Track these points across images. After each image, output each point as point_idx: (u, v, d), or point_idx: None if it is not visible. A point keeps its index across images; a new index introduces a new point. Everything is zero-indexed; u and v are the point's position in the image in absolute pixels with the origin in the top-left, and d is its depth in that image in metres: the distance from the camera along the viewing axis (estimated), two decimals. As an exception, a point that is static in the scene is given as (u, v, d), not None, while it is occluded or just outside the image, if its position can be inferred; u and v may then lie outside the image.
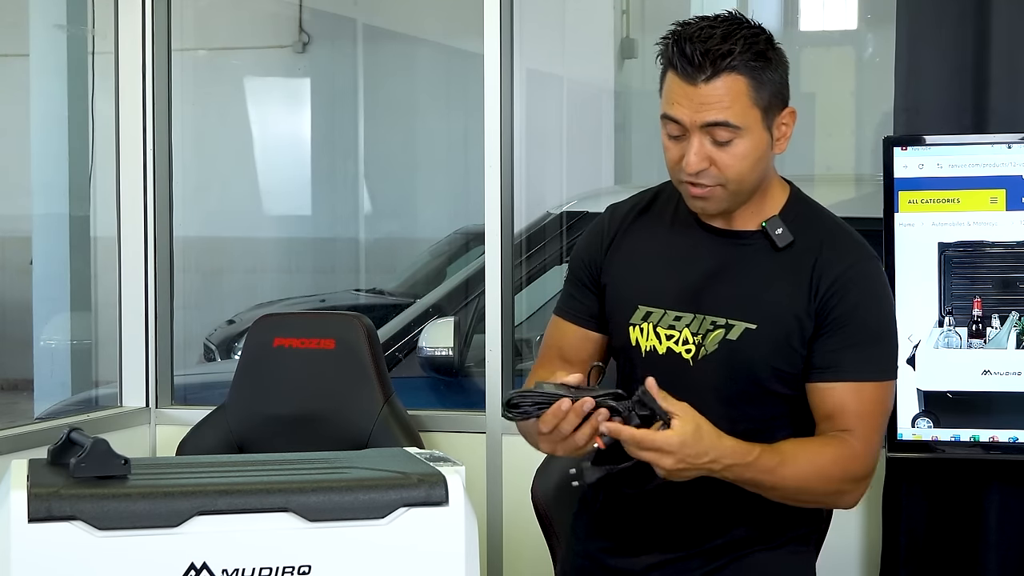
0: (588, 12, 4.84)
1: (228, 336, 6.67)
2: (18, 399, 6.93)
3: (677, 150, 2.29)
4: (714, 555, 2.40)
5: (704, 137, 2.25)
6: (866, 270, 2.35)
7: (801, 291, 2.32)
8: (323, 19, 8.20)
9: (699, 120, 2.24)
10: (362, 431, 3.40)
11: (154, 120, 3.90)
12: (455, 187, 7.29)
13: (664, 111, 2.29)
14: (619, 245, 2.45)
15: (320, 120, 8.11)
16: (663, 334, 2.37)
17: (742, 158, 2.27)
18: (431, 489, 1.98)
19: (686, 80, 2.24)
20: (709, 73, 2.23)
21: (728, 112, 2.24)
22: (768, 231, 2.35)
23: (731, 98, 2.24)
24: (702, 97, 2.23)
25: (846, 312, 2.31)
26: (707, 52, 2.22)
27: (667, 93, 2.29)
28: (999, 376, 3.01)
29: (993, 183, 3.02)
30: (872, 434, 2.32)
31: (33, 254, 5.12)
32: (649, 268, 2.42)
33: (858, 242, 2.39)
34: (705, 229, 2.39)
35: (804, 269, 2.33)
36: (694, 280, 2.37)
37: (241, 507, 1.93)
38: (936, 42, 3.18)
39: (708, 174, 2.28)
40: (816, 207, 2.44)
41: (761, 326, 2.32)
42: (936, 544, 3.19)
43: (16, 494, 1.88)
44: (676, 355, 2.35)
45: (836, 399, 2.30)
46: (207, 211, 7.18)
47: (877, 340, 2.34)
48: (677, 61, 2.25)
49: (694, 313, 2.35)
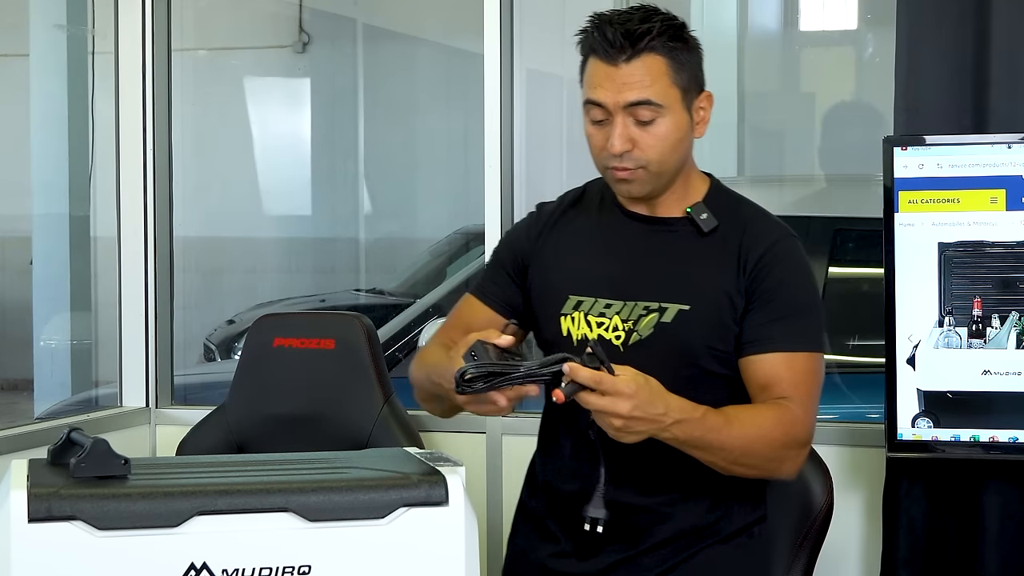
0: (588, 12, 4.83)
1: (228, 336, 6.68)
2: (18, 399, 6.93)
3: (601, 135, 2.35)
4: (664, 553, 2.40)
5: (627, 118, 2.32)
6: (788, 247, 2.42)
7: (730, 271, 2.38)
8: (323, 19, 8.21)
9: (622, 100, 2.31)
10: (362, 431, 3.40)
11: (154, 120, 3.90)
12: (455, 187, 7.30)
13: (587, 96, 2.35)
14: (547, 239, 2.49)
15: (320, 120, 8.11)
16: (594, 322, 2.40)
17: (663, 138, 2.33)
18: (431, 489, 1.98)
19: (608, 62, 2.31)
20: (630, 53, 2.30)
21: (649, 91, 2.31)
22: (693, 216, 2.41)
23: (651, 77, 2.31)
24: (624, 77, 2.30)
25: (772, 287, 2.36)
26: (627, 33, 2.30)
27: (589, 79, 2.35)
28: (999, 376, 3.01)
29: (993, 183, 3.02)
30: (808, 401, 2.36)
31: (33, 254, 5.13)
32: (578, 259, 2.46)
33: (779, 223, 2.46)
34: (631, 218, 2.45)
35: (731, 250, 2.39)
36: (623, 268, 2.42)
37: (241, 507, 1.93)
38: (936, 42, 3.18)
39: (632, 156, 2.34)
40: (736, 195, 2.51)
41: (694, 307, 2.37)
42: (936, 544, 3.19)
43: (16, 494, 1.88)
44: (606, 342, 2.38)
45: (769, 369, 2.35)
46: (207, 211, 7.18)
47: (804, 313, 2.39)
48: (599, 45, 2.31)
49: (624, 300, 2.39)
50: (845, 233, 4.63)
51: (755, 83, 6.19)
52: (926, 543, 3.19)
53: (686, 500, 2.40)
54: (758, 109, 6.05)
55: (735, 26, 6.30)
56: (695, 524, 2.41)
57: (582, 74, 2.39)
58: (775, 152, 6.00)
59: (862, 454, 3.33)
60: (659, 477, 2.37)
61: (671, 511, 2.40)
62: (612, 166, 2.35)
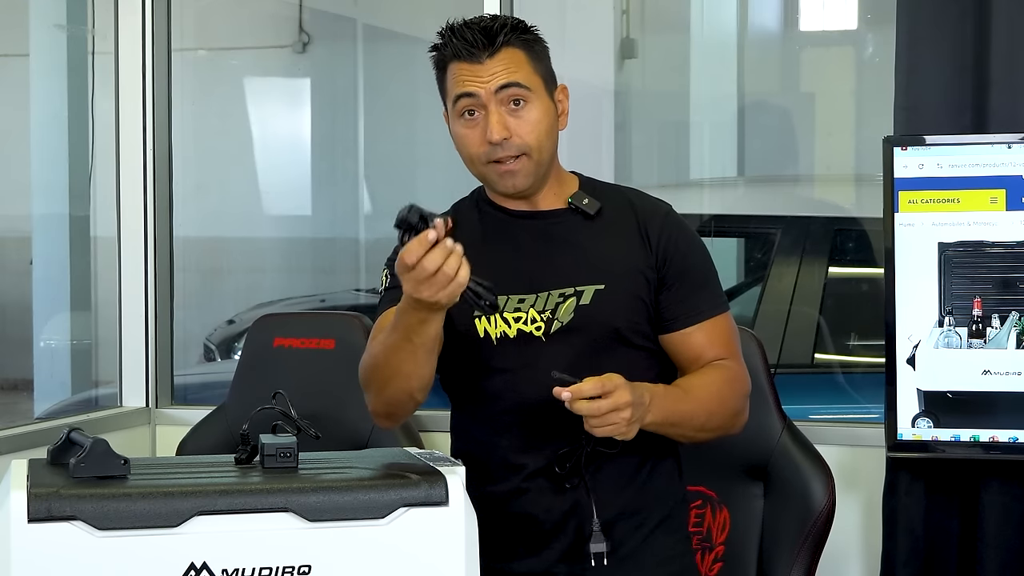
0: (588, 12, 4.84)
1: (228, 336, 6.68)
2: (18, 399, 6.92)
3: (475, 132, 2.41)
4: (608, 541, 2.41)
5: (499, 106, 2.38)
6: (676, 219, 2.51)
7: (634, 245, 2.46)
8: (323, 19, 8.20)
9: (492, 86, 2.38)
10: (362, 431, 3.40)
11: (154, 120, 3.90)
12: (455, 187, 7.28)
13: (456, 92, 2.41)
14: None
15: (320, 120, 8.11)
16: (510, 318, 2.43)
17: (537, 123, 2.40)
18: (431, 489, 1.98)
19: (472, 61, 2.39)
20: (491, 49, 2.39)
21: (516, 75, 2.39)
22: (576, 204, 2.48)
23: (516, 65, 2.40)
24: (489, 69, 2.39)
25: (681, 261, 2.46)
26: (484, 30, 2.40)
27: (454, 80, 2.42)
28: (999, 376, 3.01)
29: (993, 183, 3.02)
30: (739, 355, 2.49)
31: (33, 254, 5.12)
32: (478, 264, 2.42)
33: (655, 198, 2.55)
34: (517, 216, 2.49)
35: (627, 224, 2.48)
36: (526, 261, 2.46)
37: (241, 507, 1.93)
38: (936, 42, 3.18)
39: (511, 144, 2.39)
40: (606, 182, 2.59)
41: (609, 284, 2.43)
42: (936, 544, 3.19)
43: (16, 494, 1.88)
44: (527, 334, 2.41)
45: (698, 340, 2.44)
46: (207, 211, 7.17)
47: (711, 279, 2.50)
48: (460, 49, 2.39)
49: (536, 292, 2.43)
50: (845, 233, 4.63)
51: (755, 83, 6.19)
52: (926, 543, 3.19)
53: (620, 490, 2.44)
54: (758, 109, 6.05)
55: (735, 26, 6.30)
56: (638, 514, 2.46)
57: (443, 85, 2.45)
58: (775, 152, 6.00)
59: (862, 454, 3.33)
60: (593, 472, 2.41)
61: (608, 503, 2.43)
62: (494, 159, 2.40)
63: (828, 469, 2.87)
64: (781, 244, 4.51)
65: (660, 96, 6.05)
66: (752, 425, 2.91)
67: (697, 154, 6.13)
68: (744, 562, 2.90)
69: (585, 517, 2.41)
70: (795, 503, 2.85)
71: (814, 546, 2.82)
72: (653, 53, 5.91)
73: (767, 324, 4.34)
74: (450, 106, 2.44)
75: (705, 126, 6.10)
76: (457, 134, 2.44)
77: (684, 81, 6.02)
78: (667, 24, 6.25)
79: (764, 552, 2.88)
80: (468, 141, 2.42)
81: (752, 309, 4.51)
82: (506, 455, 2.44)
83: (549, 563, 2.44)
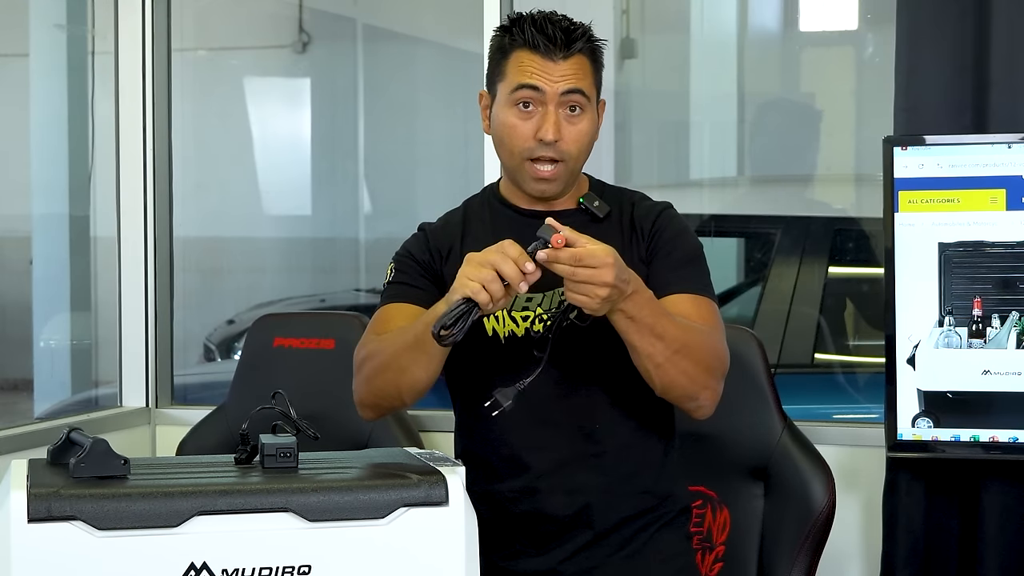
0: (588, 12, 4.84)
1: (228, 336, 6.68)
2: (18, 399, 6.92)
3: (527, 126, 2.41)
4: (616, 539, 2.43)
5: (558, 108, 2.40)
6: (672, 213, 2.52)
7: (631, 246, 2.46)
8: (323, 19, 8.19)
9: (560, 88, 2.40)
10: (362, 431, 3.40)
11: (154, 120, 3.90)
12: (455, 187, 7.28)
13: (520, 81, 2.40)
14: (453, 252, 2.50)
15: (320, 120, 8.10)
16: (518, 317, 2.43)
17: (585, 134, 2.43)
18: (431, 489, 1.98)
19: (545, 56, 2.40)
20: (567, 51, 2.40)
21: (583, 83, 2.42)
22: (586, 205, 2.50)
23: (583, 72, 2.42)
24: (561, 70, 2.40)
25: (667, 243, 2.47)
26: (566, 31, 2.41)
27: (520, 68, 2.41)
28: (999, 376, 3.02)
29: (993, 183, 3.02)
30: (722, 337, 2.43)
31: (33, 254, 5.12)
32: None
33: (658, 200, 2.56)
34: (527, 215, 2.49)
35: (626, 228, 2.49)
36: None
37: (241, 507, 1.93)
38: (936, 42, 3.18)
39: (557, 148, 2.40)
40: (613, 186, 2.60)
41: None
42: (936, 544, 3.19)
43: (16, 494, 1.88)
44: (536, 333, 2.42)
45: (680, 306, 2.41)
46: (207, 211, 7.17)
47: (698, 263, 2.48)
48: (537, 39, 2.39)
49: (543, 291, 2.43)
50: (845, 233, 4.63)
51: (755, 83, 6.19)
52: (926, 543, 3.19)
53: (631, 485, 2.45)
54: (758, 109, 6.05)
55: (735, 26, 6.30)
56: (636, 508, 2.46)
57: (500, 68, 2.44)
58: (775, 152, 5.99)
59: (862, 454, 3.33)
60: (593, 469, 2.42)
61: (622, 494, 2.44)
62: (537, 156, 2.41)
63: (828, 469, 2.87)
64: (781, 244, 4.51)
65: (660, 96, 6.05)
66: (752, 425, 2.92)
67: (697, 154, 6.13)
68: (744, 562, 2.90)
69: (593, 517, 2.42)
70: (795, 503, 2.85)
71: (814, 546, 2.82)
72: (653, 53, 5.91)
73: (767, 324, 4.34)
74: (504, 92, 2.43)
75: (705, 126, 6.10)
76: (505, 122, 2.43)
77: (684, 81, 6.02)
78: (667, 24, 6.25)
79: (764, 552, 2.89)
80: (516, 132, 2.42)
81: (752, 309, 4.51)
82: (513, 454, 2.44)
83: (555, 562, 2.44)
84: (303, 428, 2.17)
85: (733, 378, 2.48)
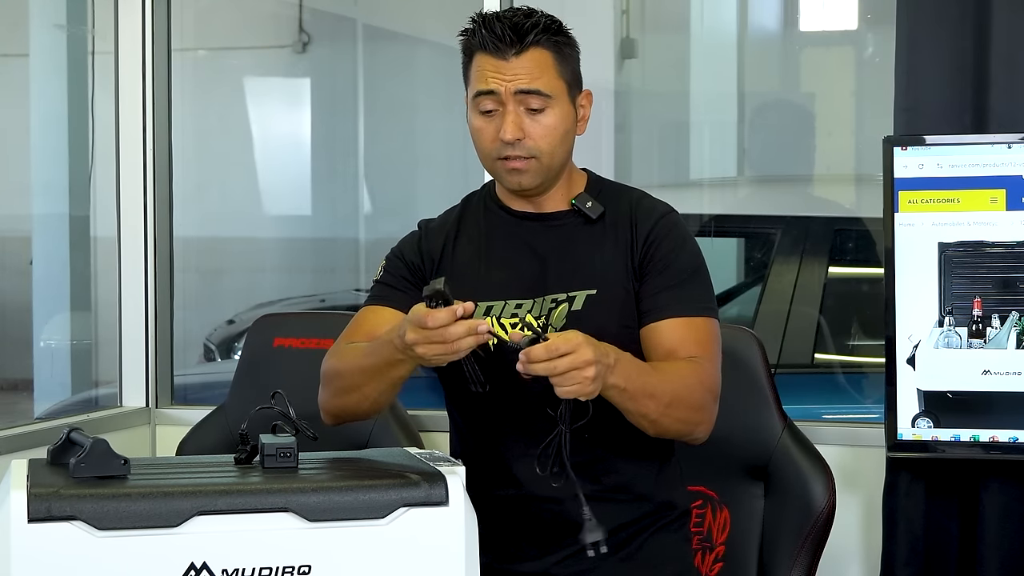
0: (588, 12, 4.83)
1: (228, 336, 6.68)
2: (18, 399, 6.92)
3: (491, 127, 2.41)
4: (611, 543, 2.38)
5: (517, 107, 2.38)
6: (672, 221, 2.48)
7: (624, 250, 2.44)
8: (323, 19, 8.20)
9: (512, 87, 2.38)
10: (362, 431, 3.39)
11: (154, 120, 3.90)
12: (455, 187, 7.28)
13: (477, 88, 2.41)
14: (446, 253, 2.52)
15: (320, 120, 8.10)
16: (507, 324, 2.43)
17: (553, 128, 2.40)
18: (431, 489, 1.98)
19: (497, 56, 2.39)
20: (518, 47, 2.38)
21: (539, 82, 2.38)
22: (579, 206, 2.47)
23: (540, 69, 2.39)
24: (514, 69, 2.38)
25: (663, 257, 2.43)
26: (515, 27, 2.38)
27: (477, 73, 2.41)
28: (999, 376, 3.01)
29: (993, 183, 3.02)
30: (715, 359, 2.41)
31: (33, 254, 5.12)
32: (478, 267, 2.49)
33: (660, 200, 2.52)
34: (519, 217, 2.50)
35: (622, 231, 2.46)
36: (523, 267, 2.46)
37: (241, 507, 1.93)
38: (936, 42, 3.18)
39: (523, 145, 2.39)
40: (615, 183, 2.57)
41: (600, 290, 2.42)
42: (936, 544, 3.19)
43: (16, 494, 1.88)
44: (512, 345, 2.37)
45: (672, 334, 2.39)
46: (207, 211, 7.18)
47: (695, 280, 2.45)
48: (487, 41, 2.38)
49: (532, 298, 2.43)
50: (845, 233, 4.63)
51: (755, 83, 6.19)
52: (926, 543, 3.19)
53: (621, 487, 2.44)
54: (758, 109, 6.05)
55: (735, 26, 6.30)
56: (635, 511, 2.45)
57: (467, 72, 2.45)
58: (775, 152, 5.99)
59: (862, 454, 3.33)
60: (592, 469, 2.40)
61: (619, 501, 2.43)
62: (504, 155, 2.41)
63: (828, 469, 2.87)
64: (781, 244, 4.51)
65: (660, 96, 6.05)
66: (752, 425, 2.92)
67: (697, 154, 6.12)
68: (744, 562, 2.90)
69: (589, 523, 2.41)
70: (795, 503, 2.85)
71: (814, 546, 2.82)
72: (653, 53, 5.90)
73: (767, 324, 4.34)
74: (469, 97, 2.44)
75: (705, 126, 6.10)
76: (472, 126, 2.45)
77: (684, 81, 6.02)
78: (667, 24, 6.24)
79: (764, 552, 2.88)
80: (482, 135, 2.43)
81: (752, 309, 4.51)
82: (507, 462, 2.44)
83: (551, 564, 2.43)
84: (303, 428, 2.17)
85: (733, 378, 2.49)
